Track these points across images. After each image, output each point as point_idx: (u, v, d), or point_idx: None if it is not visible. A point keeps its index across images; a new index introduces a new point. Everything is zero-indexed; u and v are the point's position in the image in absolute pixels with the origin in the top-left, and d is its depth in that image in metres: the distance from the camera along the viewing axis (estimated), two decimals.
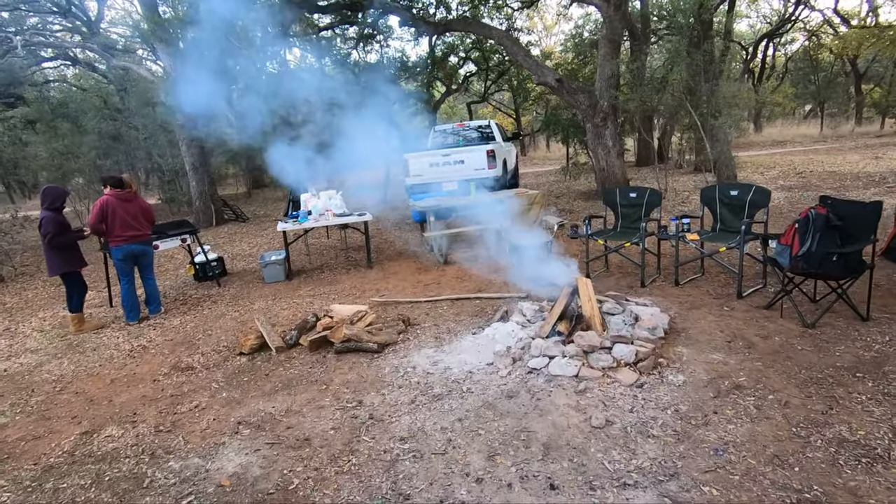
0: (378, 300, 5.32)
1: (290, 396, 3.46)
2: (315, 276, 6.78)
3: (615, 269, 5.68)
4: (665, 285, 4.99)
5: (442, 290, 5.55)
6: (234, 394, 3.59)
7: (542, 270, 5.17)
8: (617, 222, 5.54)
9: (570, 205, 10.29)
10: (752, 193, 4.63)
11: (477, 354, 3.77)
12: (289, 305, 5.59)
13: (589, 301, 3.85)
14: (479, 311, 4.75)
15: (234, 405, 3.42)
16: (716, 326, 3.85)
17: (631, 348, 3.33)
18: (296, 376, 3.77)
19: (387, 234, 8.95)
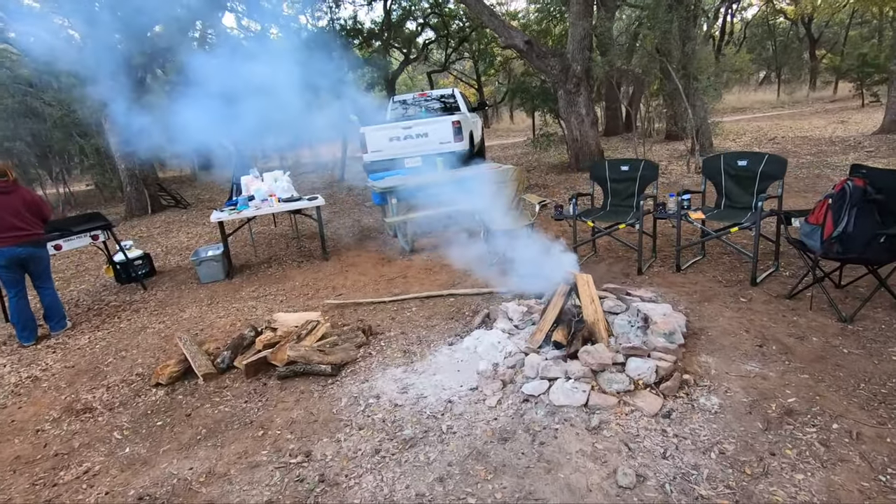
0: (333, 302, 4.48)
1: (215, 449, 2.63)
2: (261, 272, 5.85)
3: (605, 254, 5.03)
4: (665, 271, 4.37)
5: (409, 286, 4.76)
6: (141, 448, 2.72)
7: (526, 260, 4.45)
8: (606, 200, 4.85)
9: (543, 179, 9.60)
10: (765, 163, 4.01)
11: (456, 375, 3.03)
12: (227, 312, 4.67)
13: (591, 303, 3.15)
14: (455, 313, 4.00)
15: (137, 467, 2.57)
16: (738, 325, 3.23)
17: (649, 364, 2.66)
18: (225, 416, 2.93)
19: (345, 220, 8.02)
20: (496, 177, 5.31)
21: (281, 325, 3.82)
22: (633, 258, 4.74)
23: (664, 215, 4.35)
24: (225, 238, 5.71)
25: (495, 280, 4.40)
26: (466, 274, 4.74)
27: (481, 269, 4.79)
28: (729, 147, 10.38)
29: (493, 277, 4.49)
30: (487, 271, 4.71)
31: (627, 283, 4.18)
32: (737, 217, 4.01)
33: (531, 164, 11.65)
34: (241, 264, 6.24)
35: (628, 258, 4.78)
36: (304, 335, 3.55)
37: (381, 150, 8.65)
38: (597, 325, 3.06)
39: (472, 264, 4.98)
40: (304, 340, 3.49)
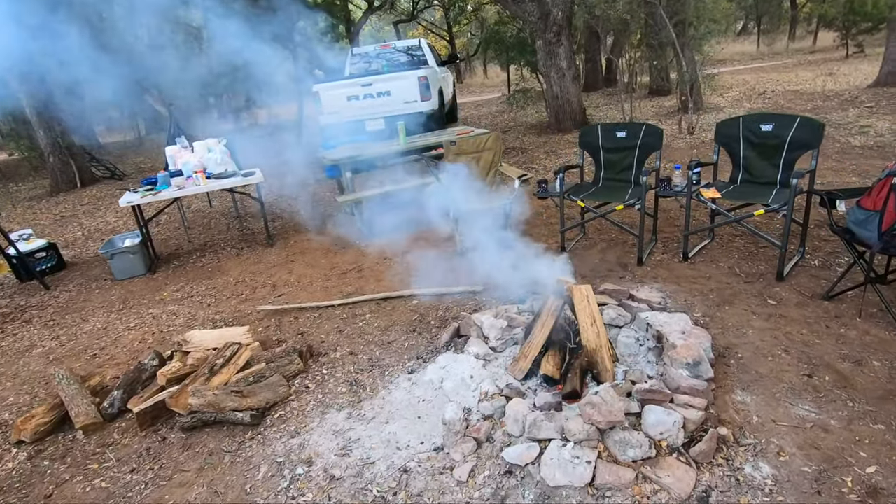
0: (269, 308, 3.64)
1: None
2: (192, 262, 4.93)
3: (596, 236, 4.28)
4: (669, 260, 3.66)
5: (365, 283, 3.94)
6: None
7: (506, 251, 3.67)
8: (599, 173, 4.06)
9: (521, 141, 8.72)
10: (796, 128, 3.25)
11: (416, 425, 2.29)
12: (140, 321, 3.80)
13: (593, 324, 2.40)
14: (418, 322, 3.23)
15: None
16: (773, 340, 2.55)
17: (674, 416, 1.95)
18: (98, 499, 2.14)
19: (298, 194, 7.03)
20: (467, 144, 4.44)
21: (195, 347, 2.99)
22: (629, 242, 4.01)
23: (669, 192, 3.59)
24: (141, 225, 4.73)
25: (468, 275, 3.62)
26: (434, 266, 3.94)
27: (452, 260, 4.00)
28: (718, 104, 9.63)
29: (466, 271, 3.70)
30: (459, 262, 3.93)
31: (627, 277, 3.46)
32: (758, 195, 3.28)
33: (507, 125, 10.71)
34: (169, 252, 5.29)
35: (624, 242, 4.05)
36: (220, 366, 2.73)
37: (337, 111, 7.59)
38: (599, 352, 2.32)
39: (441, 253, 4.18)
40: (219, 373, 2.68)
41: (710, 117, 8.53)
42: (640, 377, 2.20)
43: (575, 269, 3.66)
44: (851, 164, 5.25)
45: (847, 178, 4.84)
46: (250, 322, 3.55)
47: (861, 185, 4.60)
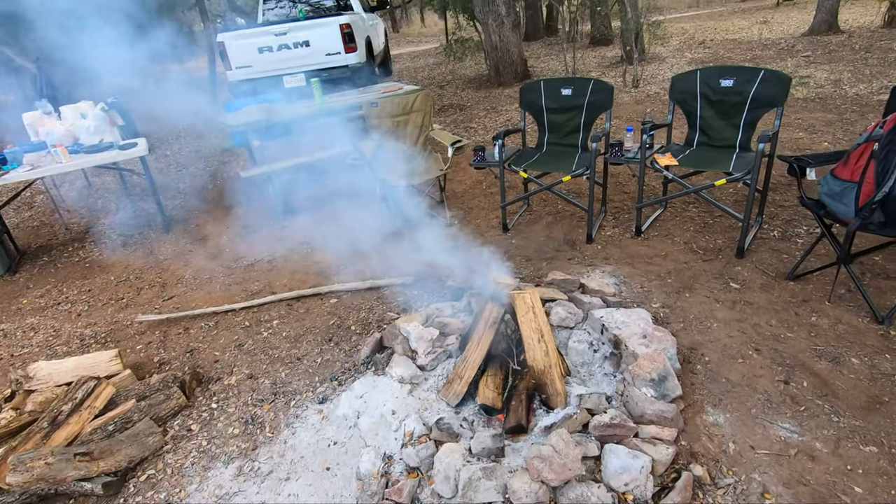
0: (152, 318, 2.96)
1: None
2: (66, 257, 4.07)
3: (541, 209, 3.83)
4: (620, 235, 3.28)
5: (276, 277, 3.33)
6: None
7: (440, 233, 3.16)
8: (543, 137, 3.56)
9: (459, 97, 8.05)
10: (759, 83, 2.86)
11: (324, 480, 1.79)
12: None
13: (541, 339, 1.96)
14: (336, 328, 2.69)
15: None
16: (741, 336, 2.22)
17: (640, 461, 1.56)
18: None
19: (203, 166, 6.10)
20: (393, 105, 3.78)
21: (41, 384, 2.31)
22: (577, 215, 3.60)
23: (621, 160, 3.16)
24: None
25: (397, 262, 3.08)
26: (357, 253, 3.36)
27: (378, 246, 3.44)
28: (660, 53, 9.31)
29: (394, 258, 3.16)
30: (386, 248, 3.37)
31: (576, 259, 3.05)
32: (718, 161, 2.91)
33: (445, 78, 9.95)
34: (40, 245, 4.38)
35: (572, 216, 3.63)
36: (69, 412, 2.09)
37: (249, 64, 6.61)
38: (548, 373, 1.90)
39: (367, 237, 3.60)
40: (65, 425, 2.05)
41: (654, 68, 8.20)
42: (598, 403, 1.79)
43: (519, 250, 3.22)
44: (797, 117, 5.05)
45: (794, 133, 4.63)
46: (128, 336, 2.88)
47: (809, 140, 4.39)
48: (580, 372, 2.09)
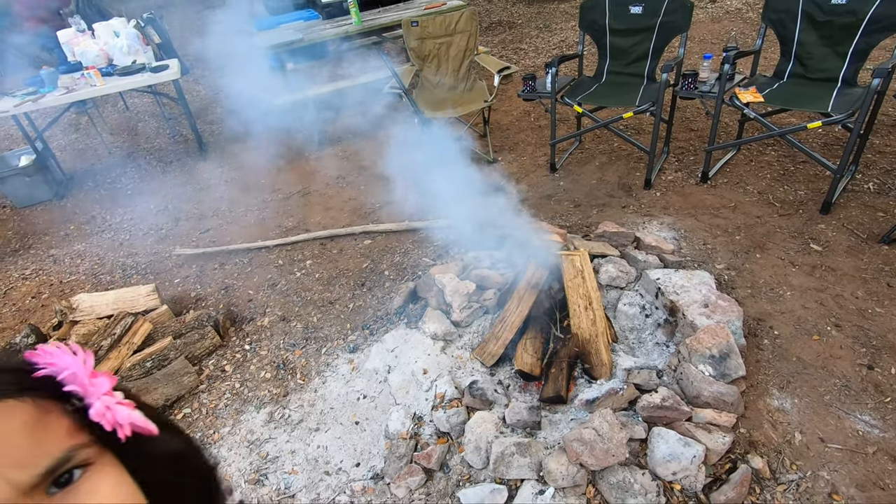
0: (188, 252, 2.95)
1: None
2: (109, 182, 4.10)
3: (594, 147, 3.47)
4: (683, 180, 2.93)
5: (310, 212, 3.22)
6: None
7: (483, 171, 2.91)
8: (603, 64, 3.13)
9: (508, 13, 7.31)
10: None
11: (352, 434, 1.76)
12: (38, 266, 3.12)
13: (588, 307, 1.77)
14: (370, 272, 2.59)
15: None
16: (820, 309, 1.96)
17: (692, 449, 1.42)
18: None
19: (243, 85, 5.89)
20: (432, 24, 3.40)
21: (83, 315, 2.36)
22: (636, 156, 3.24)
23: (694, 93, 2.74)
24: (32, 140, 3.80)
25: (433, 203, 2.88)
26: (395, 190, 3.18)
27: (417, 183, 3.24)
28: None
29: (433, 198, 2.96)
30: (425, 186, 3.17)
31: (631, 207, 2.76)
32: (813, 97, 2.46)
33: None
34: (86, 168, 4.42)
35: (629, 156, 3.27)
36: (108, 347, 2.13)
37: None
38: (594, 343, 1.73)
39: (401, 172, 3.39)
40: (105, 360, 2.09)
41: None
42: (648, 379, 1.63)
43: (567, 193, 2.95)
44: None
45: None
46: (166, 269, 2.90)
47: None
48: (628, 338, 1.91)
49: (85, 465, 0.35)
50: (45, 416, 0.34)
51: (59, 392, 0.36)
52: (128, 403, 0.39)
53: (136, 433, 0.38)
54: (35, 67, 4.00)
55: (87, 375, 0.37)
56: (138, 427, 0.38)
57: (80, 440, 0.35)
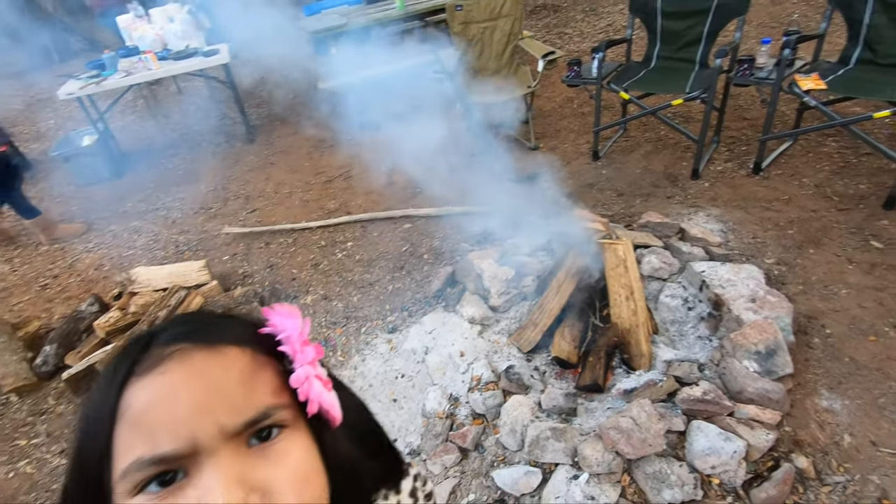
0: (237, 231, 3.08)
1: None
2: (163, 162, 4.30)
3: (639, 135, 3.38)
4: (734, 171, 2.82)
5: (351, 196, 3.30)
6: None
7: (524, 157, 2.90)
8: (653, 49, 3.03)
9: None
10: None
11: (390, 411, 1.82)
12: (99, 241, 3.33)
13: (629, 298, 1.75)
14: (409, 256, 2.64)
15: None
16: (878, 309, 1.87)
17: (733, 444, 1.40)
18: (25, 487, 1.83)
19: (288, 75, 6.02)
20: (482, 9, 3.36)
21: (141, 287, 2.51)
22: (683, 144, 3.14)
23: (750, 80, 2.62)
24: (95, 120, 4.02)
25: (476, 188, 2.89)
26: (435, 175, 3.20)
27: (457, 168, 3.25)
28: None
29: (474, 183, 2.97)
30: (465, 171, 3.18)
31: (676, 197, 2.69)
32: (883, 84, 2.31)
33: None
34: (141, 148, 4.64)
35: (676, 144, 3.17)
36: (164, 318, 2.26)
37: None
38: (634, 333, 1.71)
39: (443, 157, 3.40)
40: None
41: None
42: (689, 372, 1.61)
43: (610, 182, 2.90)
44: None
45: None
46: (216, 246, 3.03)
47: None
48: (669, 330, 1.88)
49: (282, 426, 0.36)
50: (258, 370, 0.36)
51: (274, 350, 0.38)
52: (326, 381, 0.40)
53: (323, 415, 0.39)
54: (97, 51, 4.21)
55: (300, 342, 0.39)
56: (324, 408, 0.38)
57: (283, 401, 0.36)
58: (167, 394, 0.34)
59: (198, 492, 0.32)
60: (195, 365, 0.35)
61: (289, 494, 0.34)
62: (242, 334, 0.38)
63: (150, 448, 0.32)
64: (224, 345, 0.36)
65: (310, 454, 0.37)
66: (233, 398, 0.34)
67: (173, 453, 0.32)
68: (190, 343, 0.36)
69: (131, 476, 0.33)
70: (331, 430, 0.40)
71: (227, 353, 0.36)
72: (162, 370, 0.34)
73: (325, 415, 0.39)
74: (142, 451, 0.32)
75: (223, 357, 0.36)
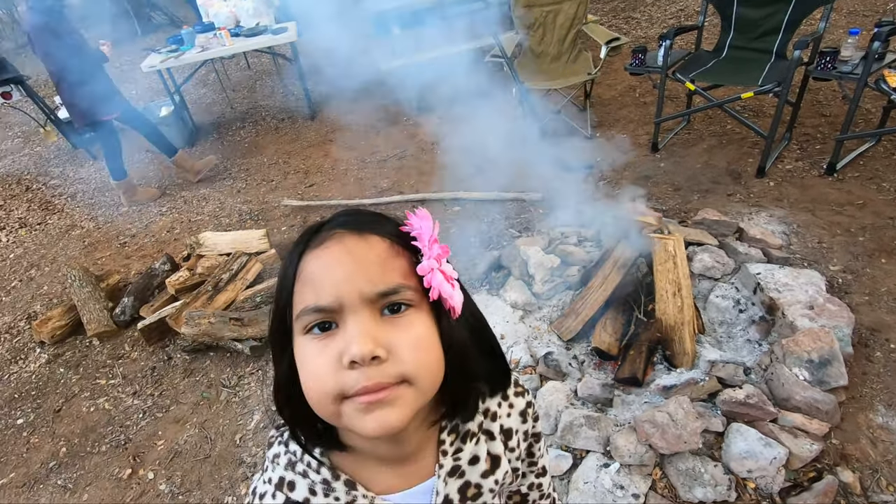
0: (294, 204, 3.23)
1: (62, 495, 1.80)
2: (230, 135, 4.54)
3: (703, 128, 3.24)
4: (804, 171, 2.67)
5: (404, 176, 3.37)
6: None
7: (579, 146, 2.87)
8: (726, 38, 2.88)
9: None
10: None
11: None
12: (172, 205, 3.59)
13: (676, 294, 1.73)
14: (456, 238, 2.68)
15: None
16: None
17: (774, 450, 1.37)
18: (100, 422, 2.05)
19: (346, 53, 6.14)
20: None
21: (207, 251, 2.70)
22: (750, 140, 2.99)
23: (831, 74, 2.45)
24: (172, 93, 4.29)
25: (525, 175, 2.89)
26: (488, 159, 3.22)
27: (510, 153, 3.25)
28: None
29: (525, 169, 2.97)
30: (518, 157, 3.18)
31: (737, 196, 2.58)
32: None
33: None
34: (211, 121, 4.91)
35: (742, 139, 3.03)
36: (227, 281, 2.44)
37: None
38: (678, 331, 1.69)
39: (499, 142, 3.41)
40: (224, 290, 2.40)
41: None
42: (733, 374, 1.58)
43: (667, 176, 2.82)
44: None
45: None
46: (275, 217, 3.20)
47: None
48: (716, 331, 1.84)
49: (409, 305, 0.46)
50: (394, 256, 0.46)
51: (409, 245, 0.48)
52: (450, 277, 0.49)
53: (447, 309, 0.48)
54: (176, 27, 4.46)
55: (430, 239, 0.48)
56: (444, 296, 0.47)
57: (411, 283, 0.46)
58: (327, 264, 0.45)
59: (343, 338, 0.43)
60: (347, 245, 0.46)
61: (408, 356, 0.44)
62: (385, 228, 0.48)
63: (314, 300, 0.44)
64: (369, 234, 0.47)
65: (429, 330, 0.47)
66: (371, 273, 0.45)
67: (327, 306, 0.44)
68: (345, 230, 0.47)
69: (303, 318, 0.45)
70: (449, 319, 0.48)
71: (370, 240, 0.46)
72: (325, 246, 0.46)
73: (445, 304, 0.48)
74: (308, 301, 0.45)
75: (367, 243, 0.46)
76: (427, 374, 0.45)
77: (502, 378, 0.59)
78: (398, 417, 0.43)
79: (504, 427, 0.59)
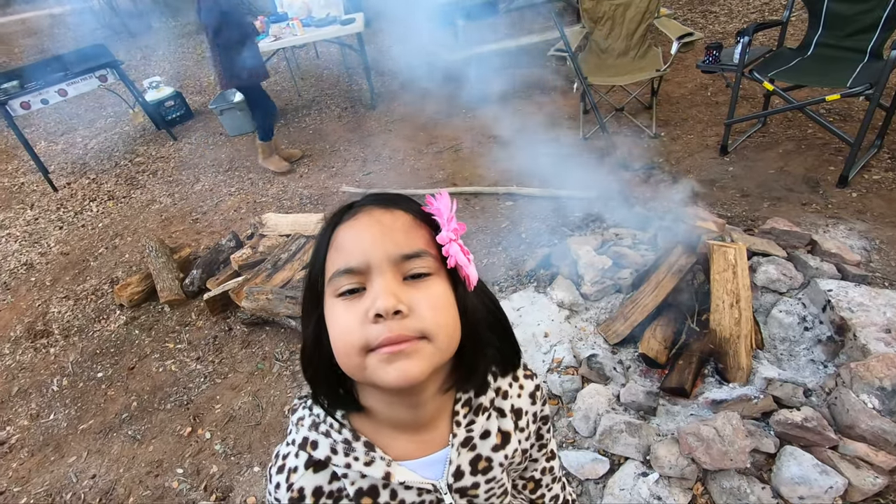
0: (351, 190, 3.34)
1: (131, 445, 1.99)
2: (297, 121, 4.73)
3: (780, 132, 3.03)
4: (894, 181, 2.44)
5: (459, 168, 3.39)
6: (63, 420, 2.18)
7: (641, 145, 2.78)
8: (813, 34, 2.67)
9: None
10: None
11: None
12: (241, 185, 3.81)
13: (734, 305, 1.64)
14: (506, 232, 2.68)
15: (47, 454, 2.04)
16: None
17: (832, 479, 1.29)
18: (167, 382, 2.24)
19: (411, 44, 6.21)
20: None
21: (269, 231, 2.85)
22: (833, 146, 2.77)
23: None
24: None
25: (585, 172, 2.83)
26: (545, 155, 3.17)
27: (569, 150, 3.19)
28: None
29: (583, 167, 2.91)
30: (577, 154, 3.12)
31: (814, 205, 2.41)
32: None
33: None
34: (280, 107, 5.13)
35: (824, 145, 2.81)
36: (285, 260, 2.57)
37: None
38: (733, 344, 1.61)
39: (558, 138, 3.35)
40: (282, 269, 2.53)
41: None
42: (791, 395, 1.49)
43: (736, 181, 2.67)
44: None
45: None
46: (334, 203, 3.32)
47: None
48: (777, 348, 1.74)
49: (429, 273, 0.51)
50: (416, 227, 0.53)
51: (430, 222, 0.54)
52: (466, 251, 0.54)
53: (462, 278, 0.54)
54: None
55: (447, 216, 0.53)
56: (460, 265, 0.53)
57: (431, 251, 0.52)
58: (357, 232, 0.52)
59: (370, 296, 0.49)
60: (375, 216, 0.53)
61: (427, 314, 0.49)
62: (409, 205, 0.55)
63: (344, 262, 0.50)
64: (395, 208, 0.54)
65: (447, 294, 0.52)
66: (396, 238, 0.51)
67: (356, 267, 0.50)
68: (375, 205, 0.54)
69: (334, 281, 0.51)
70: (465, 288, 0.54)
71: (396, 213, 0.53)
72: (356, 218, 0.53)
73: (461, 272, 0.53)
74: (339, 264, 0.51)
75: (393, 214, 0.53)
76: (444, 332, 0.50)
77: (513, 357, 0.63)
78: (418, 368, 0.48)
79: (514, 407, 0.62)
